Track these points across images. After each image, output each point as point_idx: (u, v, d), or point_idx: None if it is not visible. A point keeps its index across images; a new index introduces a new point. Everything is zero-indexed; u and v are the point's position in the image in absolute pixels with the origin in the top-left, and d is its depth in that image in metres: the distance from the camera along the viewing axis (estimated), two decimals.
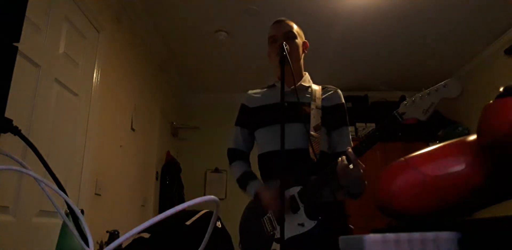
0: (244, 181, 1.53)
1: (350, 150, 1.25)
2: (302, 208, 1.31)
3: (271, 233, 1.36)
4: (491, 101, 0.64)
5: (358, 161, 1.24)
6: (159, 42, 3.58)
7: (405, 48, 3.70)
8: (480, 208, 0.71)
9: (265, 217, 1.41)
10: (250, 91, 1.68)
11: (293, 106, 1.43)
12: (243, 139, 1.61)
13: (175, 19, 3.23)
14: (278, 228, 1.34)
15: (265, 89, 1.65)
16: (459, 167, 0.67)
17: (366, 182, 1.34)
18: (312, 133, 1.42)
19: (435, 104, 1.06)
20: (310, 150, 1.39)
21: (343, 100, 1.57)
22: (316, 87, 1.57)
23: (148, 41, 3.41)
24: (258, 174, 1.57)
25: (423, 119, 1.09)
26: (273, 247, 1.32)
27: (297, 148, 1.41)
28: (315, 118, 1.46)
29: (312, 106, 1.49)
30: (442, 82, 1.04)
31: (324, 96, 1.54)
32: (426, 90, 1.08)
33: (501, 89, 0.63)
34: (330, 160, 1.35)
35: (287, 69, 1.31)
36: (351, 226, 1.42)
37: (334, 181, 1.31)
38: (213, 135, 4.41)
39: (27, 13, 0.72)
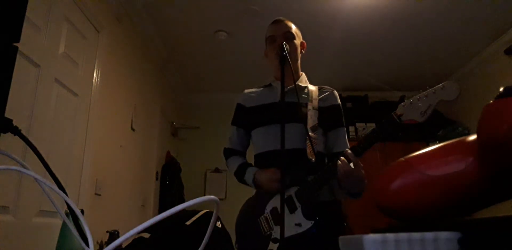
0: (241, 171, 1.51)
1: (349, 151, 1.25)
2: (299, 208, 1.31)
3: (268, 233, 1.36)
4: (491, 102, 0.64)
5: (358, 161, 1.24)
6: (159, 42, 3.58)
7: (405, 48, 3.70)
8: (480, 208, 0.71)
9: (262, 217, 1.41)
10: (246, 91, 1.67)
11: (291, 107, 1.43)
12: (239, 138, 1.61)
13: (175, 19, 3.24)
14: (275, 228, 1.34)
15: (262, 88, 1.64)
16: (459, 167, 0.67)
17: (366, 181, 1.34)
18: (310, 133, 1.42)
19: (433, 106, 1.06)
20: (308, 150, 1.39)
21: (339, 101, 1.57)
22: (312, 88, 1.57)
23: (148, 41, 3.41)
24: None
25: (420, 121, 1.09)
26: (269, 247, 1.32)
27: (295, 148, 1.40)
28: (312, 118, 1.45)
29: (309, 106, 1.48)
30: (440, 84, 1.04)
31: (320, 97, 1.54)
32: (424, 92, 1.08)
33: (501, 89, 0.63)
34: (326, 160, 1.34)
35: (287, 69, 1.31)
36: (345, 224, 1.43)
37: (333, 181, 1.31)
38: (213, 135, 4.40)
39: (27, 13, 0.72)
